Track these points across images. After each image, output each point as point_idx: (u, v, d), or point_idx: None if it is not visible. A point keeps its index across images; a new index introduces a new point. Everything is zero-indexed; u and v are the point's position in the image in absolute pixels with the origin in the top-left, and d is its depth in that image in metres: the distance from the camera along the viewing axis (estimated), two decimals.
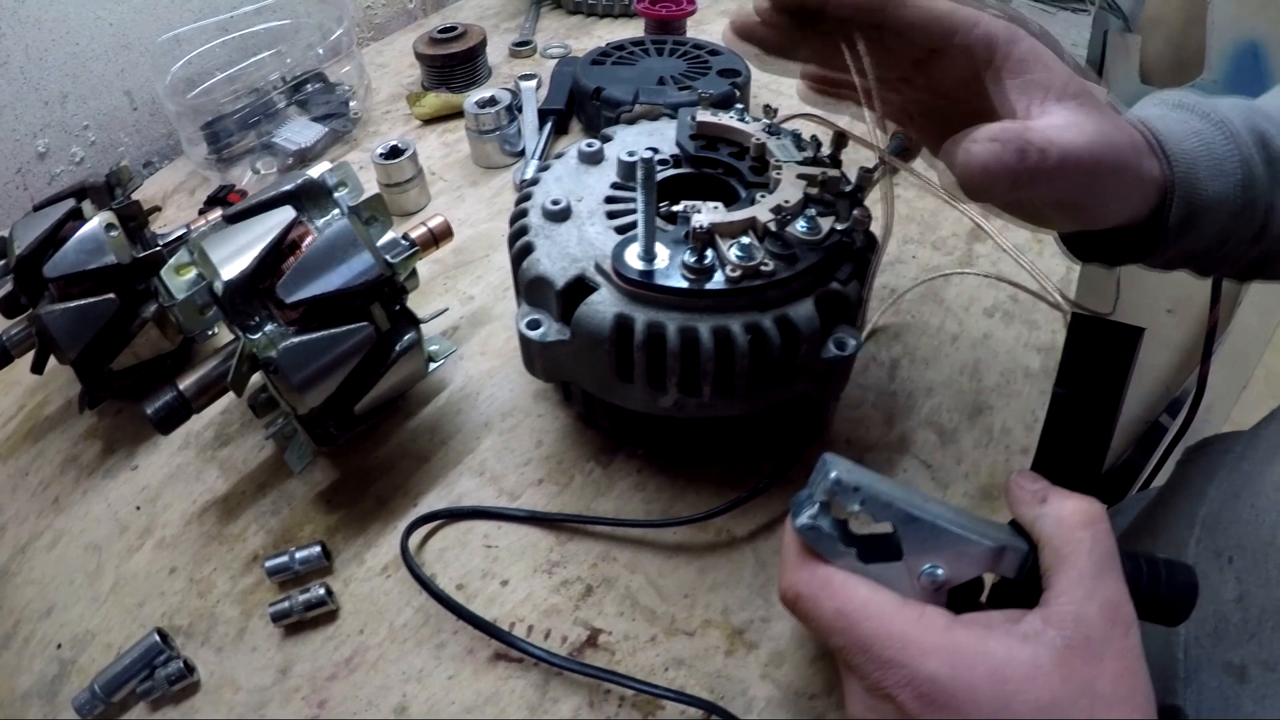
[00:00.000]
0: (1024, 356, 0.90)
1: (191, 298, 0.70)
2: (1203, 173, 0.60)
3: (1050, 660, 0.43)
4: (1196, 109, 0.63)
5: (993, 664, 0.44)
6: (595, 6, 1.63)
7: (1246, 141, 0.61)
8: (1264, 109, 0.65)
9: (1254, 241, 0.63)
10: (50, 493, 0.82)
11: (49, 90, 1.17)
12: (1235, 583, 0.58)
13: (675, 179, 0.75)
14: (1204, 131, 0.61)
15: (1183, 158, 0.60)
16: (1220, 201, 0.60)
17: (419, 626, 0.69)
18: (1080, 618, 0.44)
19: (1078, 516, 0.48)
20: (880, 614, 0.47)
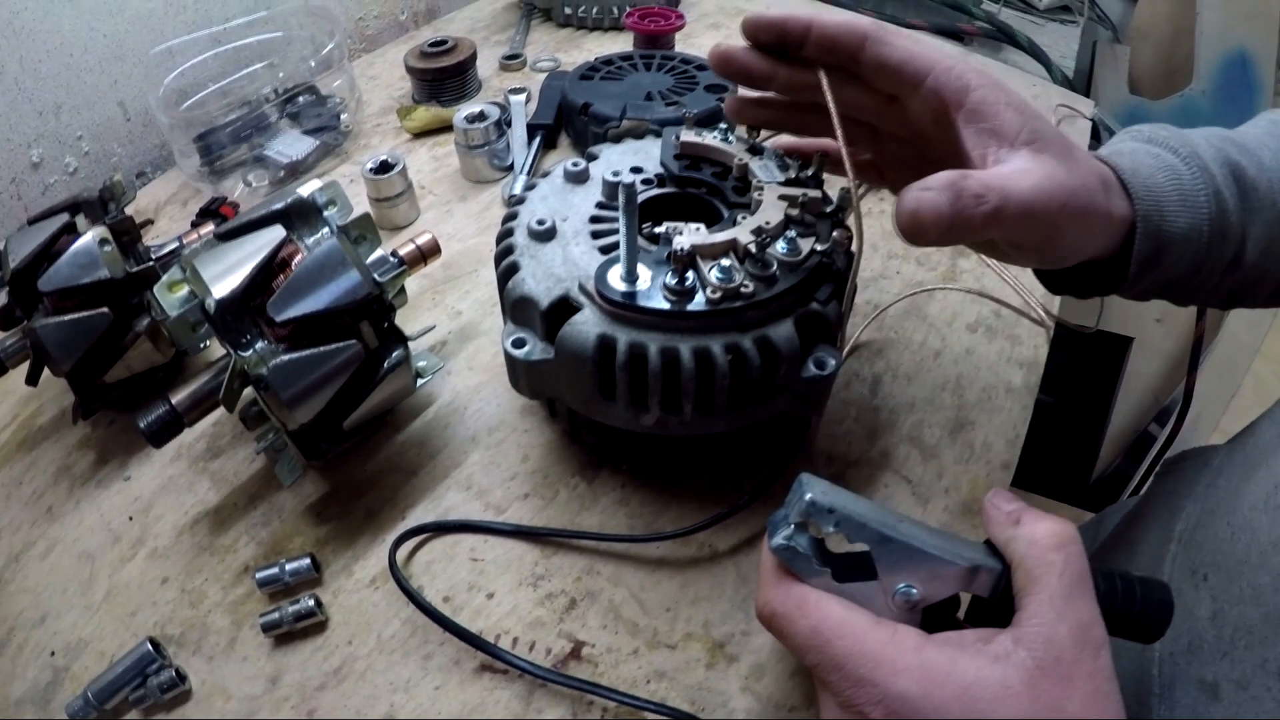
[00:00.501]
0: (1006, 372, 0.91)
1: (184, 315, 0.71)
2: (1171, 207, 0.61)
3: (1020, 680, 0.44)
4: (1167, 144, 0.65)
5: (963, 683, 0.45)
6: (585, 20, 1.64)
7: (1217, 174, 0.63)
8: (1239, 139, 0.66)
9: (1229, 271, 0.65)
10: (44, 502, 0.83)
11: (43, 101, 1.18)
12: (1210, 600, 0.59)
13: (659, 198, 0.76)
14: (1174, 166, 0.63)
15: (1149, 194, 0.61)
16: (1190, 235, 0.62)
17: (406, 638, 0.70)
18: (1050, 639, 0.45)
19: (1051, 539, 0.49)
20: (853, 633, 0.48)
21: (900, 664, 0.46)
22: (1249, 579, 0.56)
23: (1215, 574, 0.60)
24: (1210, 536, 0.63)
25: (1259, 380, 1.84)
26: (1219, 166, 0.63)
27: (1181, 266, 0.64)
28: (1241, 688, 0.53)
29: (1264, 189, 0.64)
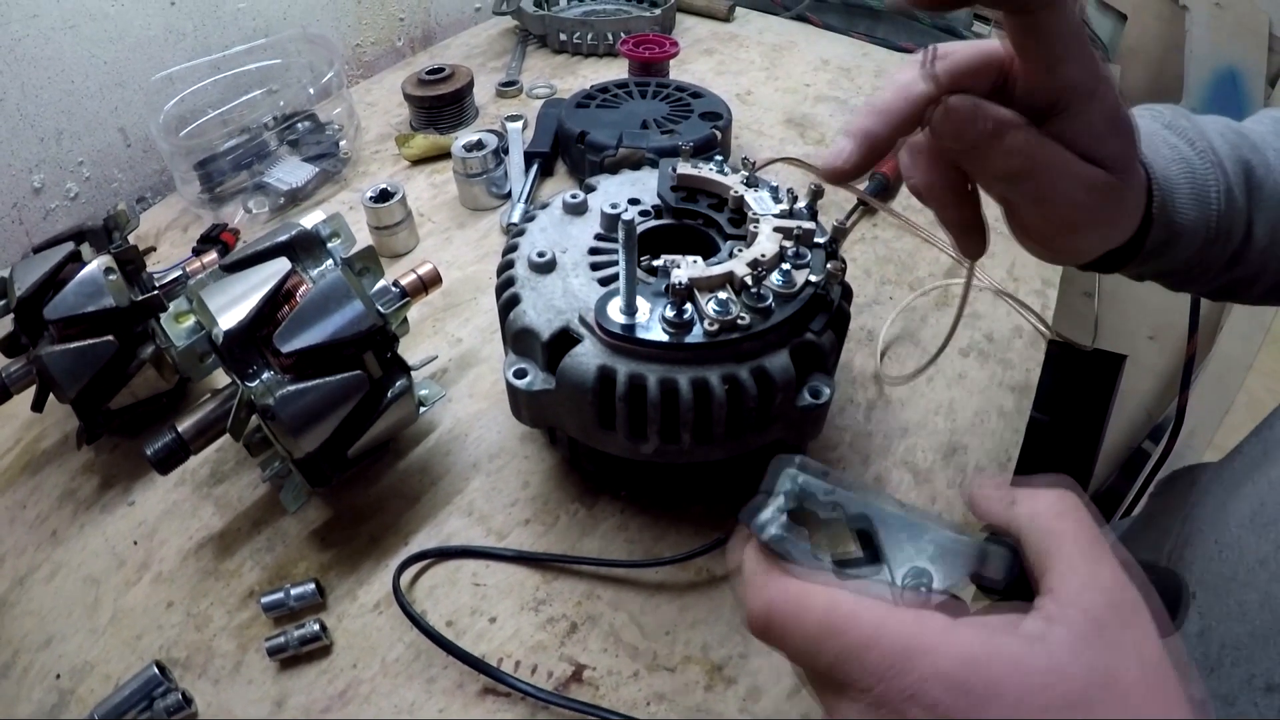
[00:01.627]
0: (998, 396, 0.93)
1: (191, 346, 0.72)
2: (1182, 200, 0.62)
3: (1067, 655, 0.39)
4: (1185, 134, 0.65)
5: (1010, 660, 0.39)
6: (580, 47, 1.66)
7: (1230, 171, 0.63)
8: (1250, 137, 0.67)
9: (1229, 265, 0.66)
10: (48, 526, 0.83)
11: (44, 127, 1.19)
12: (1198, 617, 0.59)
13: (656, 230, 0.77)
14: (1189, 159, 0.63)
15: (1166, 184, 0.62)
16: (1197, 228, 0.63)
17: (410, 661, 0.71)
18: (1086, 609, 0.40)
19: (1054, 508, 0.44)
20: (873, 617, 0.41)
21: (934, 644, 0.40)
22: (1236, 596, 0.57)
23: (1203, 592, 0.60)
24: (1198, 555, 0.63)
25: (1252, 397, 1.85)
26: (1232, 164, 0.64)
27: (1185, 257, 0.64)
28: (1228, 704, 0.54)
29: (1270, 188, 0.65)
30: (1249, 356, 1.92)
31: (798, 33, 1.78)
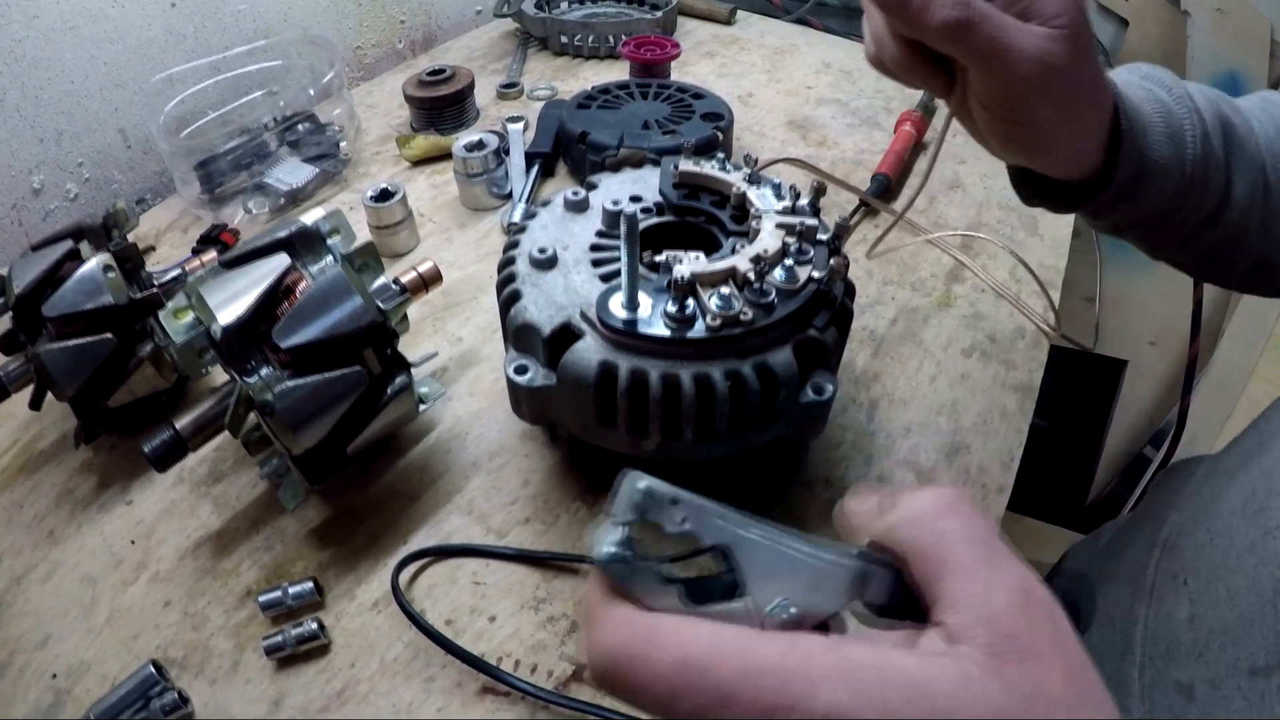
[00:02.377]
0: (1001, 396, 0.92)
1: (190, 341, 0.72)
2: (1155, 136, 0.64)
3: (979, 669, 0.34)
4: (1162, 82, 0.67)
5: (909, 681, 0.33)
6: (581, 49, 1.66)
7: (1207, 119, 0.65)
8: (1232, 101, 0.69)
9: (1208, 224, 0.67)
10: (45, 525, 0.83)
11: (44, 128, 1.19)
12: (1188, 603, 0.59)
13: (658, 227, 0.77)
14: (1163, 100, 0.65)
15: (1138, 120, 0.64)
16: (1170, 168, 0.64)
17: (409, 661, 0.70)
18: (991, 617, 0.35)
19: (936, 508, 0.39)
20: (739, 650, 0.34)
21: (817, 672, 0.33)
22: (1225, 582, 0.56)
23: (1194, 579, 0.60)
24: (1191, 543, 0.63)
25: (1253, 402, 1.85)
26: (1210, 115, 0.65)
27: (1160, 201, 0.65)
28: (1214, 687, 0.54)
29: (1251, 149, 0.66)
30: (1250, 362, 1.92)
31: (799, 36, 1.78)
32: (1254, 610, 0.53)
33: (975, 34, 0.56)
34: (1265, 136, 0.68)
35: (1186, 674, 0.56)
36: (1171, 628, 0.60)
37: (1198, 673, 0.56)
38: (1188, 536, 0.64)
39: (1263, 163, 0.67)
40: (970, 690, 0.33)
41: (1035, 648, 0.34)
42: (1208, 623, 0.57)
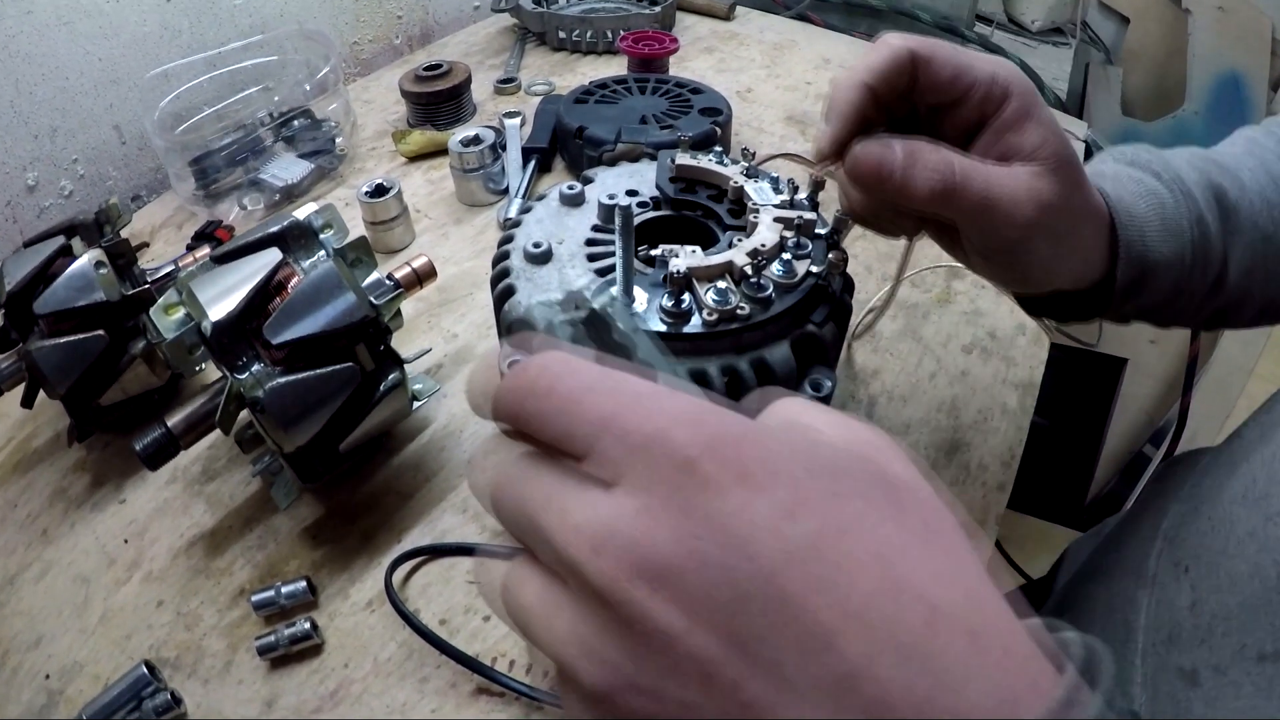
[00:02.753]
0: (1001, 393, 0.92)
1: (180, 338, 0.71)
2: (1153, 235, 0.63)
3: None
4: (1150, 167, 0.66)
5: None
6: (579, 44, 1.65)
7: (1200, 199, 0.64)
8: (1220, 160, 0.67)
9: (1211, 294, 0.66)
10: (38, 524, 0.82)
11: (38, 124, 1.18)
12: (1190, 590, 0.59)
13: (655, 221, 0.76)
14: (1157, 192, 0.64)
15: (1132, 221, 0.63)
16: (1172, 262, 0.63)
17: (403, 661, 0.70)
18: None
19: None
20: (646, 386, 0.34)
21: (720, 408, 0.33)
22: (1227, 568, 0.56)
23: (1196, 566, 0.60)
24: (1193, 531, 0.63)
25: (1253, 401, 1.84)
26: (1202, 190, 0.64)
27: (1163, 292, 0.65)
28: (1220, 673, 0.53)
29: (1245, 211, 0.65)
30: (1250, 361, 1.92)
31: (798, 31, 1.77)
32: (1258, 597, 0.53)
33: (963, 195, 0.56)
34: (1257, 187, 0.67)
35: (1189, 659, 0.56)
36: (1173, 614, 0.60)
37: (1201, 658, 0.55)
38: (1189, 526, 0.64)
39: (1256, 220, 0.66)
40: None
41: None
42: (1210, 608, 0.56)
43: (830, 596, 0.29)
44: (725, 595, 0.29)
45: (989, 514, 0.80)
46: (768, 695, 0.29)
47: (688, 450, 0.30)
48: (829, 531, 0.30)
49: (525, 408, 0.34)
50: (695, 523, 0.30)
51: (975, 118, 0.59)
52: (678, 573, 0.29)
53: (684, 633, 0.29)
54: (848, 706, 0.28)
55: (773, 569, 0.29)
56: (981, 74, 0.57)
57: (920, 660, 0.28)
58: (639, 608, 0.29)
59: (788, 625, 0.29)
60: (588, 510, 0.31)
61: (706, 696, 0.29)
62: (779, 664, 0.28)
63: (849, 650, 0.28)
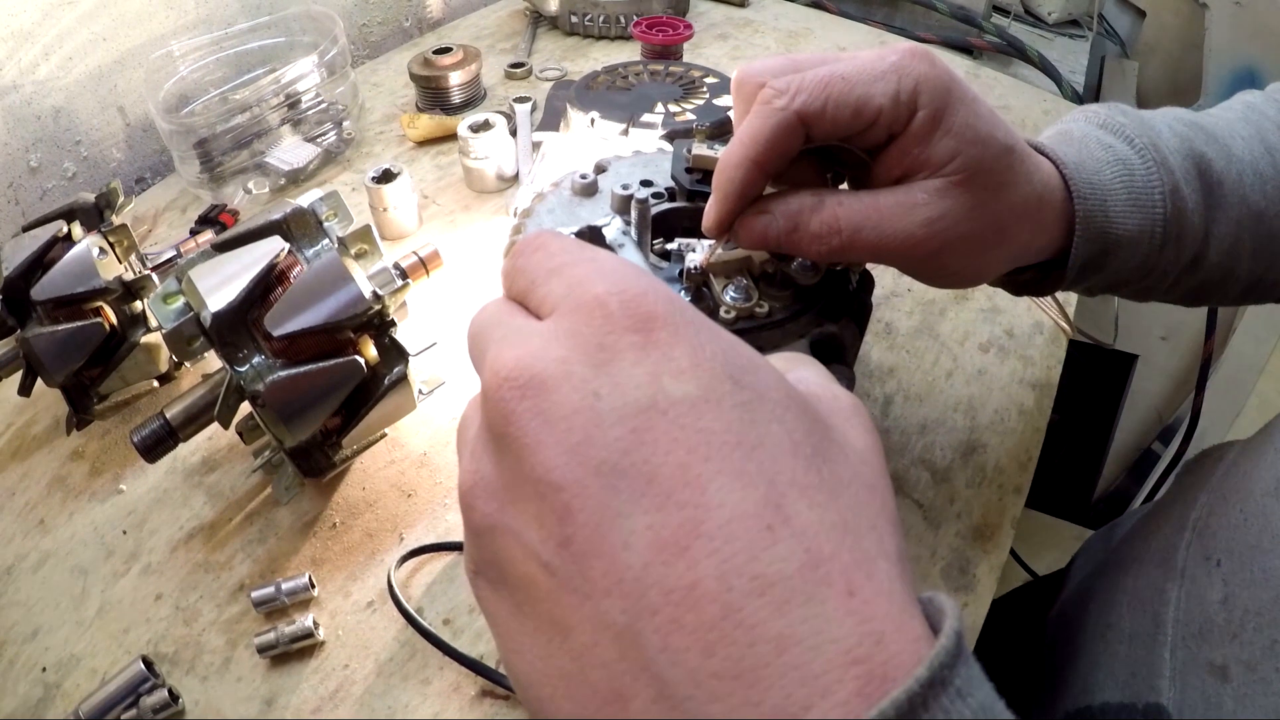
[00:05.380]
0: (1018, 393, 0.90)
1: (179, 328, 0.70)
2: (1118, 207, 0.60)
3: None
4: (1122, 131, 0.62)
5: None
6: (592, 29, 1.63)
7: (1177, 169, 0.60)
8: (1209, 127, 0.64)
9: (1189, 271, 0.63)
10: (36, 514, 0.81)
11: (41, 105, 1.16)
12: (1221, 584, 0.58)
13: (670, 212, 0.74)
14: (1127, 160, 0.61)
15: (1095, 193, 0.60)
16: (1139, 237, 0.60)
17: (405, 661, 0.68)
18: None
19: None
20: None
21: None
22: (1260, 563, 0.55)
23: (1227, 559, 0.58)
24: (1223, 524, 0.61)
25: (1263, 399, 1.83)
26: (1180, 159, 0.61)
27: (1130, 269, 0.62)
28: (1250, 669, 0.52)
29: (1232, 183, 0.62)
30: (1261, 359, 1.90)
31: (814, 19, 1.75)
32: None
33: (855, 249, 0.55)
34: (1250, 158, 0.63)
35: (1220, 655, 0.55)
36: (1204, 609, 0.58)
37: (1232, 654, 0.54)
38: (1219, 518, 0.62)
39: (1245, 193, 0.62)
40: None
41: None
42: (1242, 603, 0.55)
43: (690, 475, 0.29)
44: (583, 420, 0.30)
45: (1005, 518, 0.78)
46: (591, 534, 0.29)
47: (606, 295, 0.32)
48: (718, 414, 0.30)
49: (512, 264, 0.38)
50: (582, 350, 0.31)
51: (883, 137, 0.56)
52: (550, 386, 0.30)
53: (533, 444, 0.30)
54: (675, 610, 0.27)
55: (637, 409, 0.30)
56: (883, 99, 0.54)
57: (782, 600, 0.27)
58: (502, 409, 0.31)
59: (638, 468, 0.29)
60: (515, 338, 0.33)
61: (536, 518, 0.30)
62: (613, 506, 0.29)
63: (698, 554, 0.27)
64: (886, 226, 0.54)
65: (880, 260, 0.57)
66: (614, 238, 0.48)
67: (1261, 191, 0.62)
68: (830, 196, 0.55)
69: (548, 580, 0.30)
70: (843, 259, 0.57)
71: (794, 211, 0.55)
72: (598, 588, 0.28)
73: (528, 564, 0.30)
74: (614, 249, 0.45)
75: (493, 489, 0.32)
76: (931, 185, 0.55)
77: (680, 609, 0.27)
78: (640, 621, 0.27)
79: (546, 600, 0.30)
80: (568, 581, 0.29)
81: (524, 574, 0.31)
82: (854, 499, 0.30)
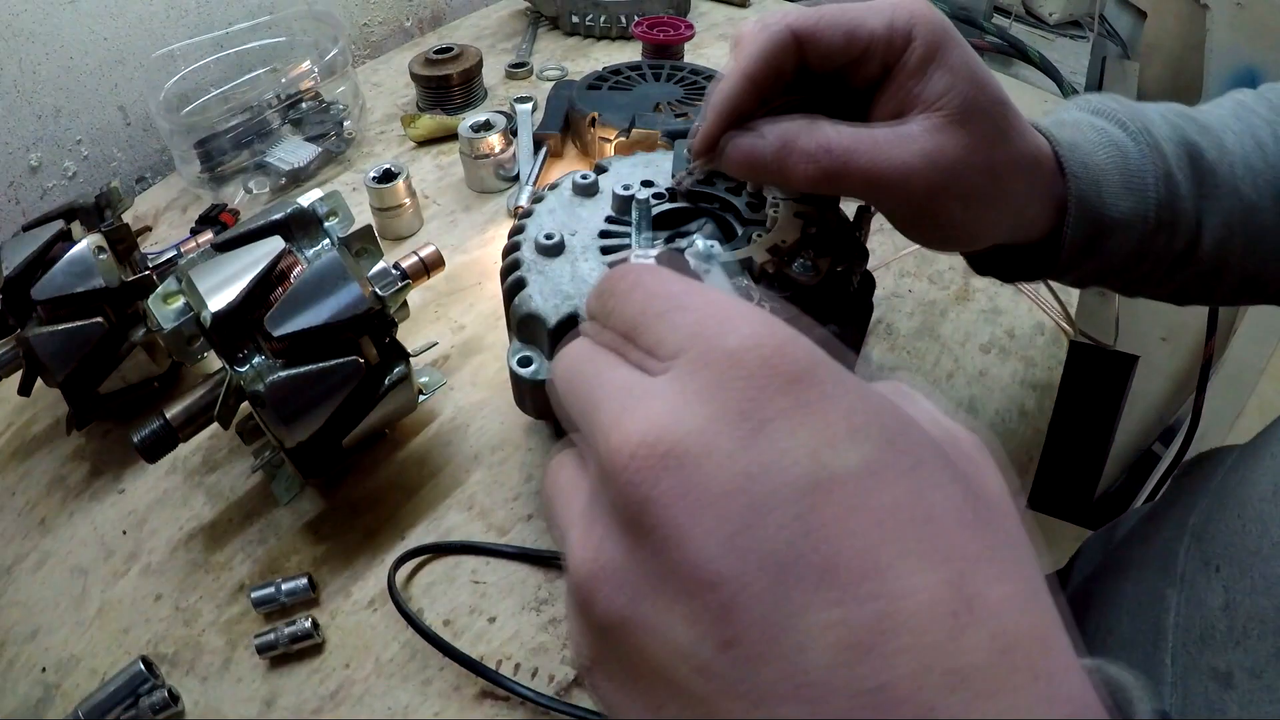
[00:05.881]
0: (1020, 394, 0.90)
1: (179, 328, 0.69)
2: (1112, 188, 0.59)
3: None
4: (1115, 116, 0.62)
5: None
6: (593, 29, 1.63)
7: (1170, 154, 0.60)
8: (1200, 119, 0.63)
9: (1180, 264, 0.62)
10: (37, 513, 0.81)
11: (42, 104, 1.17)
12: (1222, 590, 0.57)
13: (670, 213, 0.74)
14: (1119, 142, 0.60)
15: (1086, 172, 0.59)
16: (1133, 220, 0.59)
17: (405, 662, 0.68)
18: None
19: None
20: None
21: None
22: (1260, 570, 0.54)
23: (1227, 565, 0.58)
24: (1222, 529, 0.61)
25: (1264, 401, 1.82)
26: (1173, 145, 0.60)
27: (1124, 255, 0.61)
28: (1255, 676, 0.51)
29: (1224, 174, 0.61)
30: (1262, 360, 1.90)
31: None
32: None
33: (847, 176, 0.53)
34: (1241, 151, 0.62)
35: (1224, 661, 0.54)
36: (1205, 614, 0.58)
37: (1236, 660, 0.53)
38: (1217, 523, 0.62)
39: (1237, 185, 0.61)
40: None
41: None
42: (1244, 610, 0.55)
43: (869, 562, 0.25)
44: (738, 505, 0.26)
45: None
46: (760, 636, 0.25)
47: (742, 350, 0.28)
48: (885, 488, 0.26)
49: (603, 304, 0.35)
50: (723, 418, 0.27)
51: (878, 71, 0.55)
52: (691, 463, 0.26)
53: (679, 534, 0.26)
54: (866, 715, 0.24)
55: (801, 489, 0.26)
56: (877, 25, 0.53)
57: (978, 693, 0.24)
58: (635, 490, 0.27)
59: (809, 559, 0.25)
60: (629, 399, 0.29)
61: (687, 617, 0.26)
62: (786, 603, 0.25)
63: (888, 651, 0.24)
64: (881, 154, 0.52)
65: (873, 196, 0.56)
66: (697, 265, 0.46)
67: (1253, 185, 0.61)
68: (824, 121, 0.54)
69: (704, 685, 0.26)
70: (833, 186, 0.54)
71: (785, 131, 0.53)
72: (772, 694, 0.25)
73: (676, 666, 0.26)
74: (700, 277, 0.42)
75: (623, 580, 0.28)
76: (928, 120, 0.53)
77: (870, 712, 0.24)
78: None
79: (703, 704, 0.26)
80: (733, 687, 0.25)
81: (670, 677, 0.27)
82: (1016, 562, 0.27)
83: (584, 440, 0.32)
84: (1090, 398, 1.81)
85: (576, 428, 0.33)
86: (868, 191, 0.55)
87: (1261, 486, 0.58)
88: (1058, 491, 1.90)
